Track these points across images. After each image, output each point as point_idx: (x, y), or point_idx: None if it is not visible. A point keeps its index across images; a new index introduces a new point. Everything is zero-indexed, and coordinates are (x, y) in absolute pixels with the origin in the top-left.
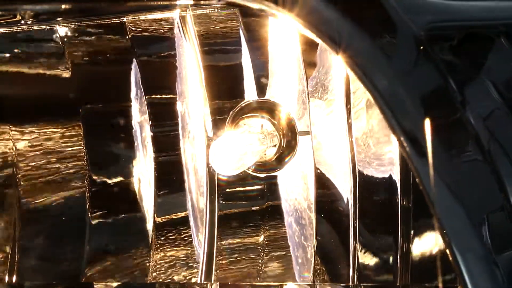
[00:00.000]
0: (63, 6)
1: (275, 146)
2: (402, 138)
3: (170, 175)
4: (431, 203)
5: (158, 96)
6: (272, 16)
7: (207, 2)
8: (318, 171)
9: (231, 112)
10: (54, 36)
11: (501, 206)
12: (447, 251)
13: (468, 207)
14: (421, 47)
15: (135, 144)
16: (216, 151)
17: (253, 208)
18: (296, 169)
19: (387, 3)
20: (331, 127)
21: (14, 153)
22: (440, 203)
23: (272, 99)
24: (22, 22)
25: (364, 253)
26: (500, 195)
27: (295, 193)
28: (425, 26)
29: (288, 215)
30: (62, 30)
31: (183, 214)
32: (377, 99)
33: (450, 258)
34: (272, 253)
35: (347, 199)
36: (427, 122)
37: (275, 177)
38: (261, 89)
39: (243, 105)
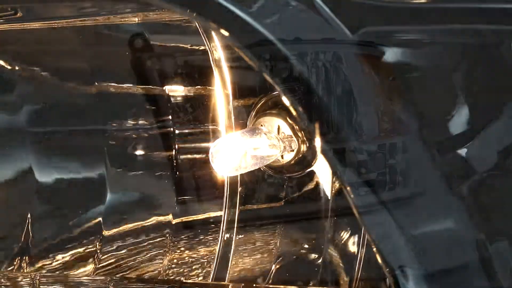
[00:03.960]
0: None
1: (292, 151)
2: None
3: (191, 176)
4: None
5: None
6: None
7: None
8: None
9: (252, 107)
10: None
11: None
12: None
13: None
14: (353, 53)
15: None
16: (216, 150)
17: (268, 209)
18: (313, 173)
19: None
20: None
21: None
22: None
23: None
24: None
25: (368, 262)
26: (472, 232)
27: (311, 196)
28: (359, 29)
29: (304, 217)
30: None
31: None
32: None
33: None
34: (286, 254)
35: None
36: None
37: (293, 179)
38: None
39: (263, 100)
